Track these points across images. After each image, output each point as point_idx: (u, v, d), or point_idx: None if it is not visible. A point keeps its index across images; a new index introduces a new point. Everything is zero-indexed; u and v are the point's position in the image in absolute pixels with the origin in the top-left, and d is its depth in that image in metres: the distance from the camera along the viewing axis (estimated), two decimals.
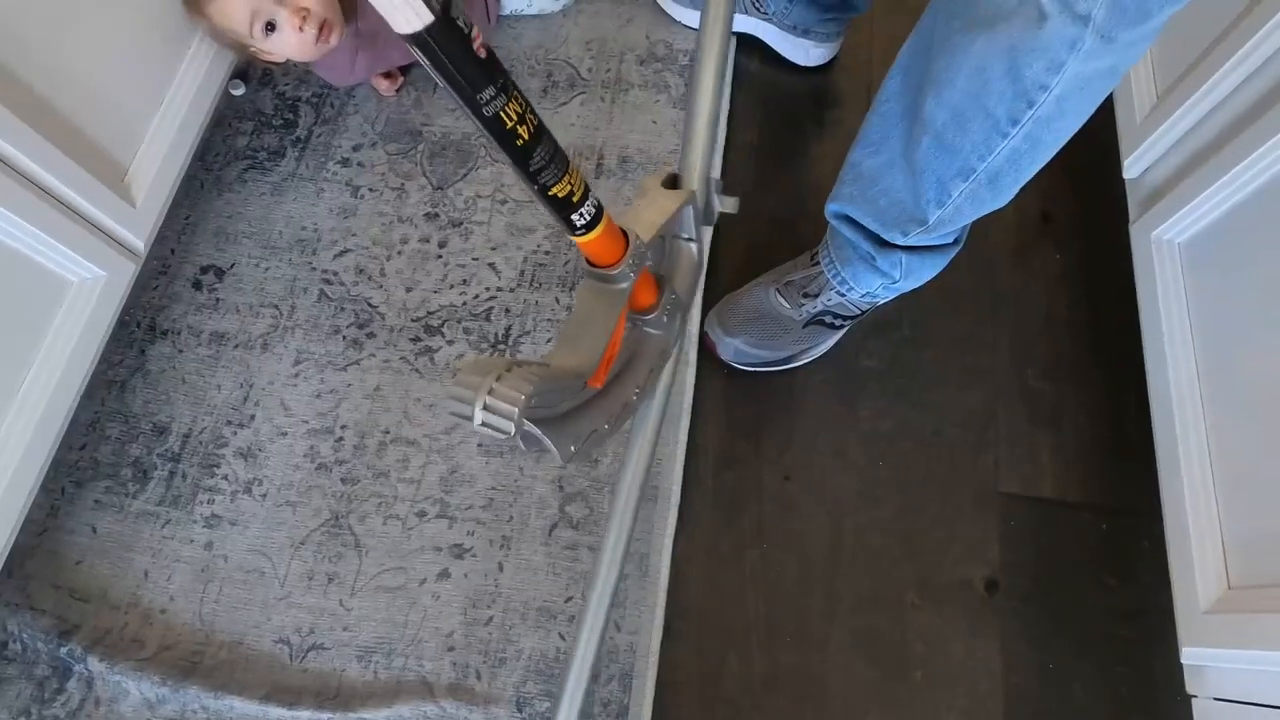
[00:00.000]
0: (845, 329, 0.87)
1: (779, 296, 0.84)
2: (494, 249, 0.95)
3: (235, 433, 0.87)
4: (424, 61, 0.30)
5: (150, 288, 0.94)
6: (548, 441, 0.41)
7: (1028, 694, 0.76)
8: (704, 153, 0.55)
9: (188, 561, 0.82)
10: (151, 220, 0.83)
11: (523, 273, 0.93)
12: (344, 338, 0.91)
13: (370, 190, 0.99)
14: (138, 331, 0.93)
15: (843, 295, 0.81)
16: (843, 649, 0.77)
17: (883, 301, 0.83)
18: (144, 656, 0.77)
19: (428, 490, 0.83)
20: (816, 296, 0.82)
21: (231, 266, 0.96)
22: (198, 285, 0.95)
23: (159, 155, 0.83)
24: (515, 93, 0.33)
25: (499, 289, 0.93)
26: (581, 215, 0.39)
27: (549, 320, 0.91)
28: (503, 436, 0.37)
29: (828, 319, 0.84)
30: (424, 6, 0.27)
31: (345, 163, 1.00)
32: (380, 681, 0.76)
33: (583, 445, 0.44)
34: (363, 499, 0.83)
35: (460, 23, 0.29)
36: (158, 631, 0.79)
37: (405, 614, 0.79)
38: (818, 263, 0.82)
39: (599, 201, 0.40)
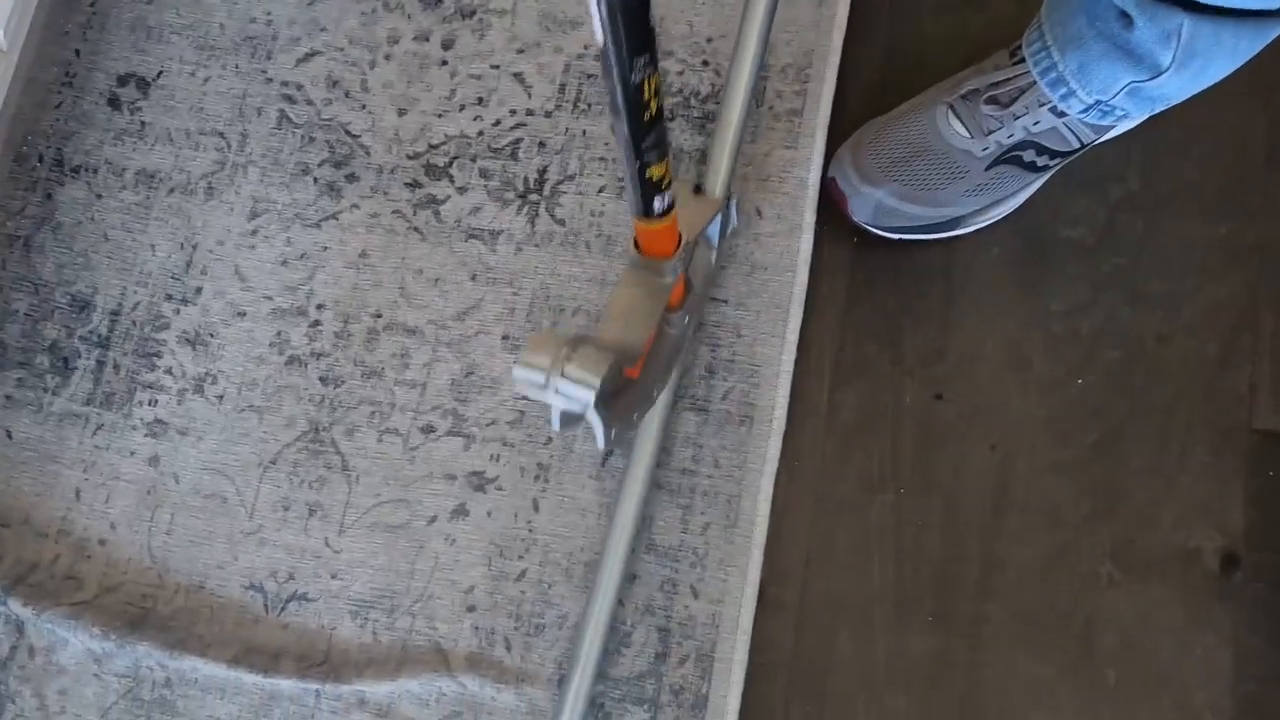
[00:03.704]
0: (1049, 174, 0.59)
1: (953, 118, 0.56)
2: (521, 52, 0.66)
3: (178, 311, 0.65)
4: (599, 9, 0.30)
5: (51, 106, 0.69)
6: (598, 422, 0.42)
7: (1267, 710, 0.55)
8: (728, 167, 0.58)
9: (129, 480, 0.63)
10: None
11: (563, 88, 0.65)
12: (316, 180, 0.66)
13: None
14: (40, 167, 0.68)
15: (1063, 108, 0.53)
16: (1003, 635, 0.57)
17: (1123, 127, 0.56)
18: (81, 599, 0.60)
19: (436, 397, 0.62)
20: (1016, 116, 0.54)
21: (158, 76, 0.69)
22: (114, 103, 0.69)
23: None
24: (657, 70, 0.34)
25: (529, 112, 0.65)
26: (662, 199, 0.41)
27: (602, 159, 0.64)
28: (579, 410, 0.40)
29: (1027, 155, 0.56)
30: None
31: None
32: (381, 646, 0.59)
33: (617, 431, 0.44)
34: (350, 406, 0.62)
35: None
36: (97, 567, 0.61)
37: (411, 561, 0.60)
38: (1021, 58, 0.54)
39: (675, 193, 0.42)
